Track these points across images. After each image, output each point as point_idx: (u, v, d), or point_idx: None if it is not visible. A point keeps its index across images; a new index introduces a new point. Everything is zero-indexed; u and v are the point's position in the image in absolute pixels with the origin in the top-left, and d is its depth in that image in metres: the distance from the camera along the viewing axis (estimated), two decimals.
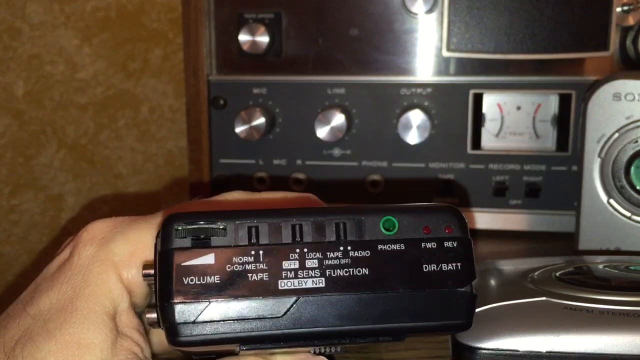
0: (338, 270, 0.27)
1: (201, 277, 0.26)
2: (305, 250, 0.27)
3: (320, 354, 0.31)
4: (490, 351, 0.31)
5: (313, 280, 0.27)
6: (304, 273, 0.27)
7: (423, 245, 0.28)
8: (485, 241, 0.57)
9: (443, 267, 0.28)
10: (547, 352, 0.31)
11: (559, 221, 0.57)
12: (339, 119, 0.57)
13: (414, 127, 0.57)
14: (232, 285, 0.26)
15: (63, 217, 0.75)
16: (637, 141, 0.48)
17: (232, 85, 0.60)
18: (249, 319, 0.26)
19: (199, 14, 0.59)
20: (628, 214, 0.49)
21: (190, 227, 0.27)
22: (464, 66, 0.56)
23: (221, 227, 0.27)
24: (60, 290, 0.30)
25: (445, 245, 0.28)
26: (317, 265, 0.27)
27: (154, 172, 0.82)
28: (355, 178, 0.59)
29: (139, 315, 0.32)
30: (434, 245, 0.28)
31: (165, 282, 0.27)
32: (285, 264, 0.27)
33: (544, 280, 0.36)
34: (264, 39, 0.57)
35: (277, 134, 0.60)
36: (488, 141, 0.58)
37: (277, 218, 0.27)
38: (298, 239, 0.27)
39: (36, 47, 0.71)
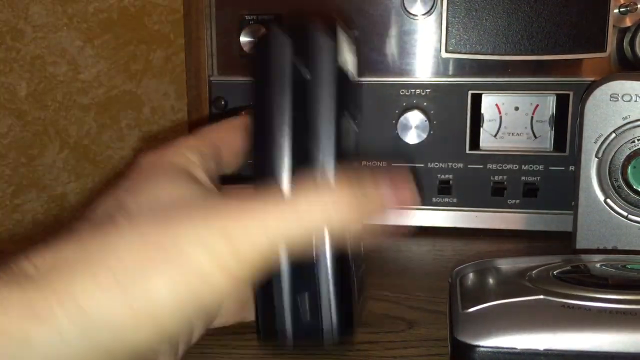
0: None
1: None
2: None
3: None
4: (488, 349, 0.31)
5: None
6: None
7: None
8: (484, 240, 0.57)
9: None
10: (544, 350, 0.31)
11: (557, 220, 0.57)
12: None
13: (413, 127, 0.57)
14: None
15: (66, 217, 0.76)
16: (634, 141, 0.49)
17: (233, 86, 0.60)
18: None
19: (200, 15, 0.59)
20: (625, 214, 0.49)
21: None
22: (463, 67, 0.57)
23: None
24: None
25: None
26: None
27: None
28: None
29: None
30: None
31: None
32: None
33: (542, 279, 0.36)
34: None
35: None
36: (486, 141, 0.58)
37: None
38: None
39: (39, 48, 0.71)
